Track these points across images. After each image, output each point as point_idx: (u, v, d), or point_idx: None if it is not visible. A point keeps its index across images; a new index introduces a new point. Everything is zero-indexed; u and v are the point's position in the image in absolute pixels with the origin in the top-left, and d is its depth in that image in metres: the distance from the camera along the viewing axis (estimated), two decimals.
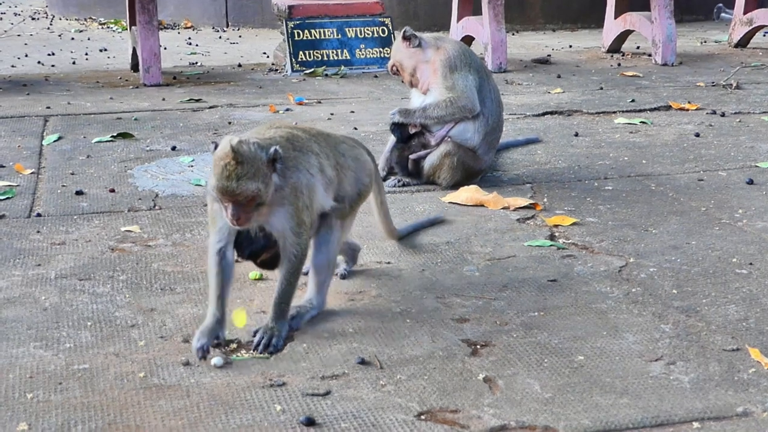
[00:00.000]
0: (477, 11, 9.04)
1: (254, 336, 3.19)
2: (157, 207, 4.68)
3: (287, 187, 3.15)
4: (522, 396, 2.85)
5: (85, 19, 14.02)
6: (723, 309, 3.46)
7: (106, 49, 10.81)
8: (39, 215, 4.54)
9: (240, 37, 12.13)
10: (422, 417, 2.74)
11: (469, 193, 4.76)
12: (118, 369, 3.02)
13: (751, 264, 3.89)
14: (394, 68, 5.02)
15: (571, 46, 10.67)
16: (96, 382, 2.93)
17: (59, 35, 12.37)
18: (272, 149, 3.06)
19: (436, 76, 4.89)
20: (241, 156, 2.99)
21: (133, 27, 8.39)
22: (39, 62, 9.82)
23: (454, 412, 2.77)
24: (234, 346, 3.18)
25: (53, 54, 10.41)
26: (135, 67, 8.51)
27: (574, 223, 4.40)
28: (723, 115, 6.70)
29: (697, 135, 6.08)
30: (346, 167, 3.47)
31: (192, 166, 5.39)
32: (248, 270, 3.79)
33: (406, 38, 4.93)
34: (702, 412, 2.75)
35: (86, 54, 10.48)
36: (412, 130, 4.95)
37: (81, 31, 12.86)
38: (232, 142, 3.01)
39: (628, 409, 2.77)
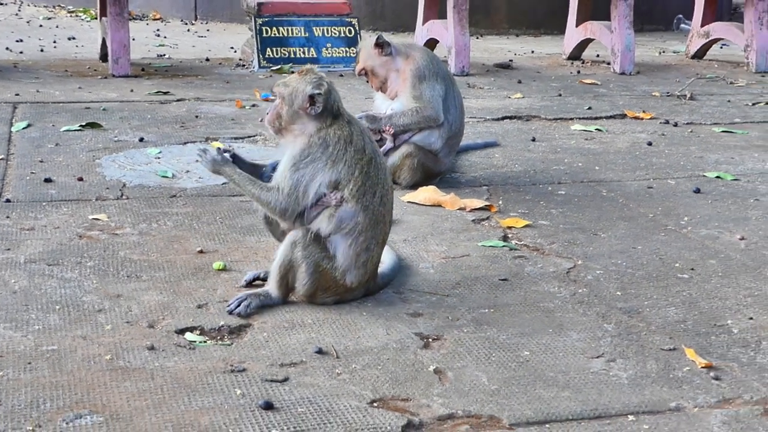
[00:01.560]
0: (442, 15, 9.21)
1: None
2: (124, 197, 4.81)
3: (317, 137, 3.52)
4: (470, 387, 3.02)
5: (54, 7, 14.07)
6: (663, 311, 3.65)
7: (74, 38, 10.88)
8: (8, 201, 4.65)
9: (208, 30, 12.24)
10: (375, 404, 2.90)
11: (427, 193, 4.93)
12: (86, 351, 3.15)
13: (692, 269, 4.09)
14: (363, 72, 5.15)
15: (533, 52, 10.87)
16: (64, 362, 3.07)
17: (27, 22, 12.42)
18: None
19: (404, 85, 5.04)
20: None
21: (103, 18, 8.49)
22: (7, 48, 9.89)
23: (405, 400, 2.93)
24: (197, 332, 3.33)
25: (21, 41, 10.48)
26: (104, 57, 8.61)
27: (526, 226, 4.58)
28: (676, 125, 6.92)
29: (650, 144, 6.29)
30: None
31: (159, 157, 5.52)
32: (213, 260, 3.94)
33: (378, 45, 5.05)
34: (638, 406, 2.93)
35: (54, 42, 10.56)
36: (377, 137, 5.11)
37: (49, 19, 12.92)
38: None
39: (569, 402, 2.94)
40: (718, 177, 5.54)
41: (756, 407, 2.96)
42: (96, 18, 12.48)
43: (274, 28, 8.81)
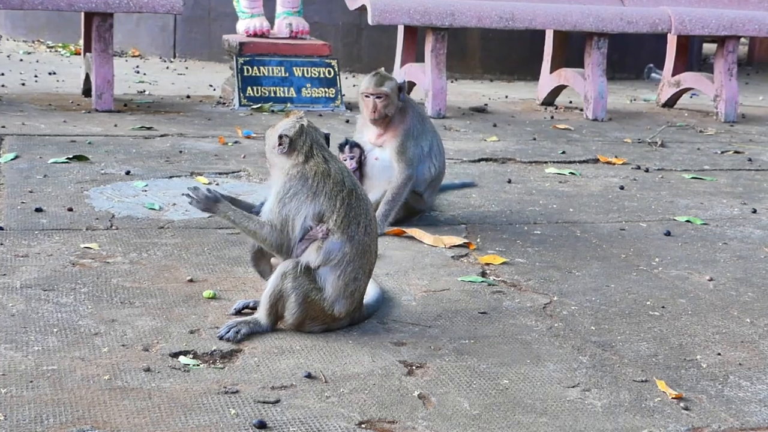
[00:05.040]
0: (420, 58, 9.42)
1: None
2: (113, 227, 4.95)
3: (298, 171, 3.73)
4: (453, 412, 3.17)
5: (33, 41, 14.19)
6: (635, 345, 3.82)
7: (54, 73, 11.00)
8: (1, 229, 4.77)
9: (187, 68, 12.40)
10: (363, 425, 3.04)
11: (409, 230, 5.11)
12: (84, 371, 3.28)
13: (663, 307, 4.27)
14: (378, 96, 5.22)
15: (507, 97, 11.10)
16: (64, 381, 3.20)
17: (8, 56, 12.53)
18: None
19: (393, 141, 5.26)
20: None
21: (87, 53, 8.63)
22: None
23: (392, 422, 3.08)
24: (191, 356, 3.47)
25: (3, 74, 10.58)
26: (87, 92, 8.74)
27: (504, 263, 4.75)
28: (647, 170, 7.13)
29: (622, 188, 6.50)
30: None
31: (146, 190, 5.65)
32: (203, 289, 4.08)
33: (401, 89, 5.28)
34: None
35: (35, 76, 10.68)
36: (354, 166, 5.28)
37: (29, 53, 13.03)
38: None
39: (546, 428, 3.10)
40: (687, 221, 5.74)
41: None
42: (75, 53, 12.66)
43: (255, 68, 8.99)
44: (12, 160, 6.19)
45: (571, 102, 10.39)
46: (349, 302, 3.72)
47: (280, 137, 3.76)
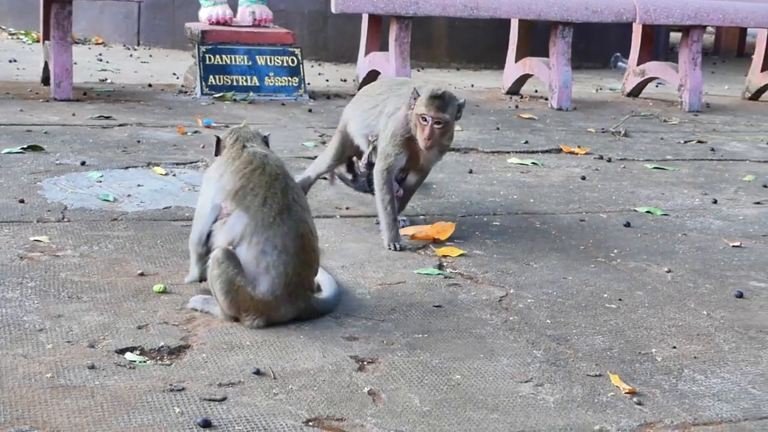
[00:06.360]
0: (384, 47, 9.36)
1: None
2: (65, 219, 4.86)
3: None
4: (403, 408, 3.12)
5: None
6: (591, 339, 3.78)
7: (15, 60, 10.86)
8: None
9: (151, 56, 12.27)
10: (310, 423, 2.99)
11: None
12: (26, 369, 3.21)
13: (620, 300, 4.23)
14: (439, 126, 4.73)
15: (473, 86, 11.05)
16: (5, 380, 3.12)
17: None
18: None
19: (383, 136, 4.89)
20: None
21: (46, 41, 8.51)
22: None
23: (340, 420, 3.02)
24: (137, 352, 3.40)
25: None
26: (46, 80, 8.62)
27: (461, 255, 4.70)
28: (609, 160, 7.11)
29: (583, 178, 6.46)
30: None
31: (101, 181, 5.57)
32: (154, 283, 4.01)
33: (460, 109, 4.87)
34: (563, 429, 3.05)
35: None
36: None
37: None
38: None
39: (497, 424, 3.06)
40: (648, 212, 5.71)
41: (676, 431, 3.09)
42: (37, 41, 12.49)
43: (218, 56, 8.89)
44: None
45: (536, 91, 10.36)
46: (267, 280, 3.63)
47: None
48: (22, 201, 5.07)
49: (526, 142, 7.54)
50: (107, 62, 11.31)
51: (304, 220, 3.76)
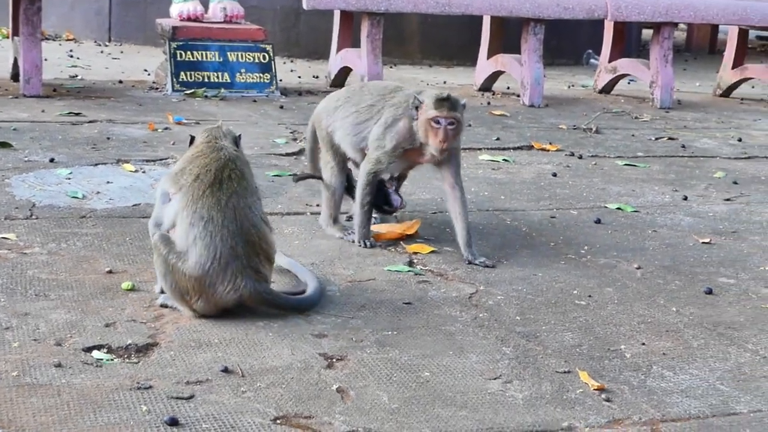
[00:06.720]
0: (356, 43, 9.34)
1: None
2: (33, 216, 4.82)
3: None
4: (371, 406, 3.11)
5: None
6: (560, 335, 3.79)
7: None
8: None
9: (122, 52, 12.21)
10: (278, 421, 2.97)
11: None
12: None
13: (590, 296, 4.24)
14: (452, 127, 4.73)
15: (445, 82, 11.04)
16: None
17: None
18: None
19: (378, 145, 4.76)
20: None
21: (15, 37, 8.45)
22: None
23: (308, 417, 3.01)
24: (105, 350, 3.38)
25: None
26: (15, 76, 8.56)
27: (432, 252, 4.70)
28: (580, 157, 7.12)
29: (555, 175, 6.47)
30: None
31: (69, 178, 5.53)
32: (122, 280, 3.99)
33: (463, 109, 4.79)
34: (531, 426, 3.05)
35: None
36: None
37: None
38: None
39: (466, 421, 3.05)
40: (618, 208, 5.73)
41: (644, 428, 3.10)
42: (7, 37, 12.41)
43: (189, 52, 8.85)
44: None
45: (508, 88, 10.36)
46: (195, 252, 3.61)
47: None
48: None
49: (498, 139, 7.54)
50: (78, 58, 11.24)
51: (238, 194, 3.71)
